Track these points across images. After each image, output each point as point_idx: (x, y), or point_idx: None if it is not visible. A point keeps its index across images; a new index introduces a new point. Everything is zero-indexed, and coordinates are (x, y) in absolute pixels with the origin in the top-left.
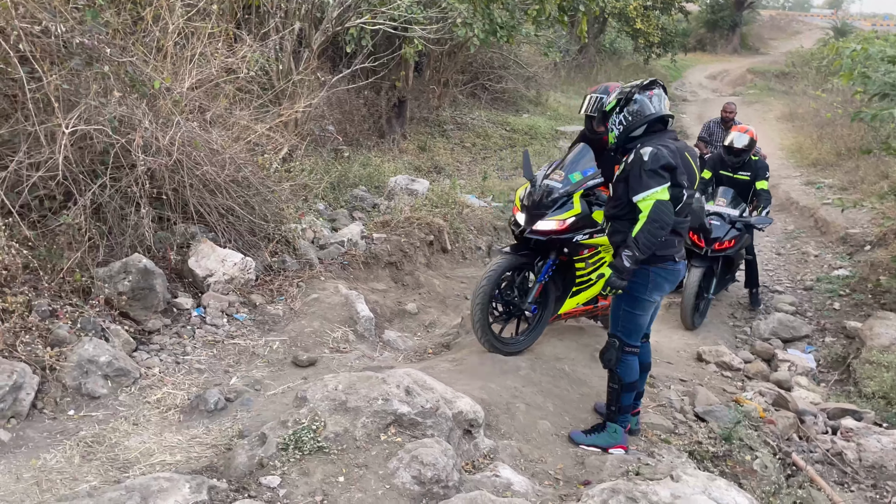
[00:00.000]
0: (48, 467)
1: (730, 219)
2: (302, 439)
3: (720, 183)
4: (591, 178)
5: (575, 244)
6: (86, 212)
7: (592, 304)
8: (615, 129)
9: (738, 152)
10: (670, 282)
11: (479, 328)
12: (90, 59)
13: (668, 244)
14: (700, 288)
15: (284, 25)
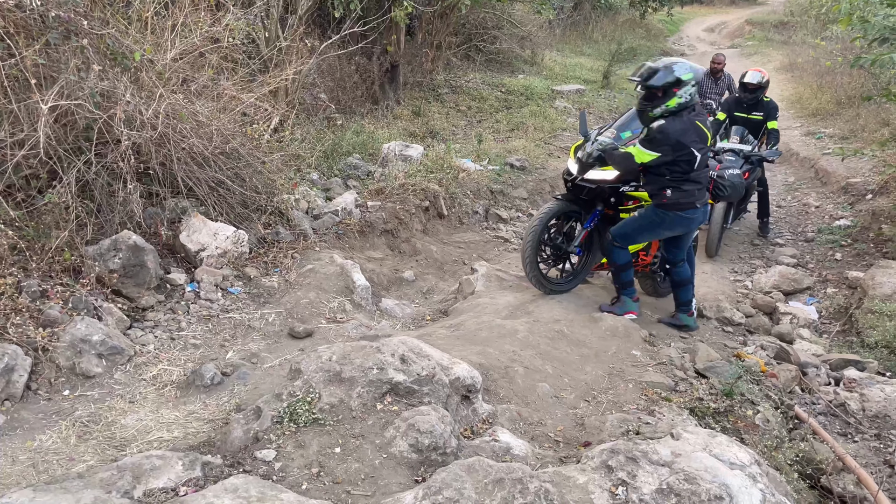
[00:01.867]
0: (44, 448)
1: (742, 154)
2: (297, 412)
3: (734, 123)
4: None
5: (621, 194)
6: (71, 190)
7: (634, 258)
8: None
9: (753, 88)
10: (684, 226)
11: (528, 265)
12: (67, 33)
13: (689, 194)
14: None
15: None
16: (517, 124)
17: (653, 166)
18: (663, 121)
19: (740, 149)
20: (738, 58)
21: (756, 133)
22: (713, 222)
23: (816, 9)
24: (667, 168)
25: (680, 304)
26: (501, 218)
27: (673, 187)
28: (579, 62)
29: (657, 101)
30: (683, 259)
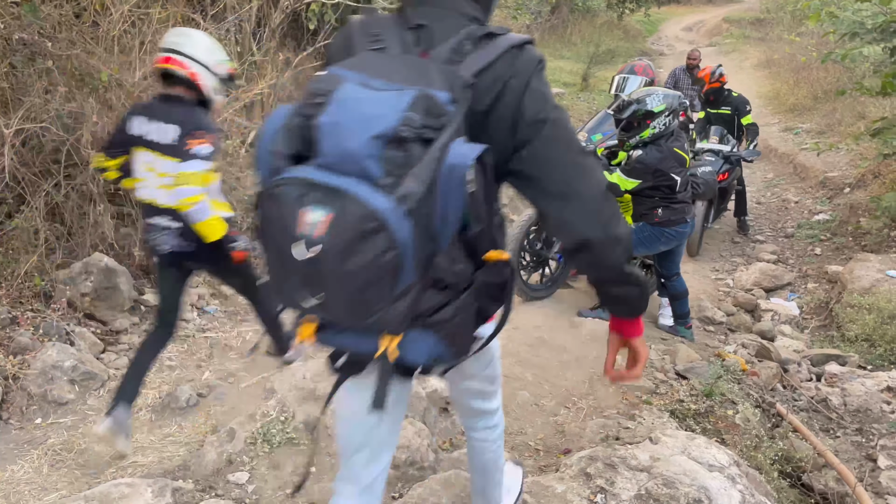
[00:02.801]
0: (16, 479)
1: (722, 154)
2: (270, 432)
3: (709, 121)
4: (610, 138)
5: None
6: (40, 213)
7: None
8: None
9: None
10: (677, 240)
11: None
12: (32, 55)
13: (679, 211)
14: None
15: (240, 5)
16: None
17: (638, 191)
18: (641, 151)
19: (719, 149)
20: (716, 55)
21: (730, 129)
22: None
23: (791, 5)
24: (651, 191)
25: (678, 316)
26: None
27: (663, 206)
28: (558, 66)
29: (633, 131)
30: (678, 273)
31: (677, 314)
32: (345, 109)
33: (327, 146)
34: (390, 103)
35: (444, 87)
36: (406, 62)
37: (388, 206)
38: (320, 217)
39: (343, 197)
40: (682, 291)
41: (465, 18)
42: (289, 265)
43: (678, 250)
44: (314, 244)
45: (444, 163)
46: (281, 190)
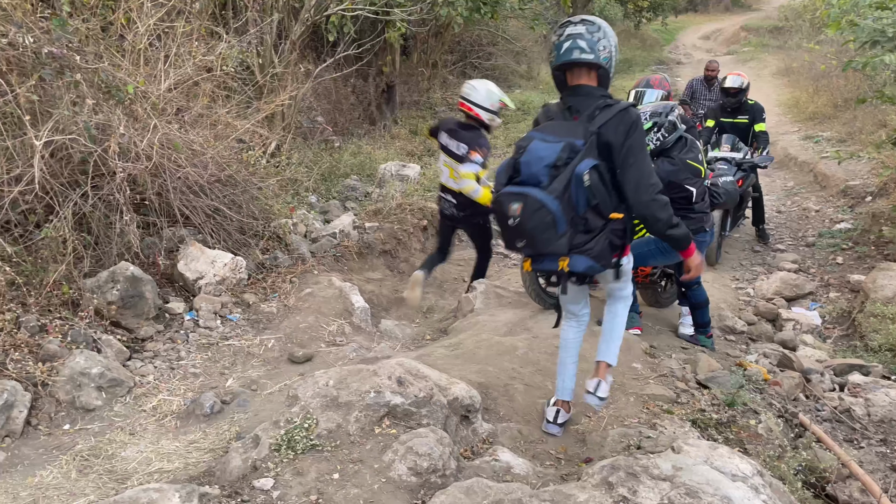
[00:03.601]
0: (45, 484)
1: (735, 162)
2: (294, 438)
3: (722, 130)
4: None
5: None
6: (68, 223)
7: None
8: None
9: (734, 92)
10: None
11: (528, 280)
12: (61, 69)
13: (698, 220)
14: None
15: (262, 18)
16: (514, 139)
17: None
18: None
19: (732, 157)
20: (734, 64)
21: (744, 137)
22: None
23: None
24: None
25: (699, 325)
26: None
27: (681, 216)
28: None
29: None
30: (699, 282)
31: (698, 323)
32: (531, 153)
33: (524, 172)
34: (553, 149)
35: (580, 137)
36: (564, 125)
37: (545, 197)
38: (517, 206)
39: (526, 196)
40: (702, 300)
41: (596, 97)
42: (509, 229)
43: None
44: (516, 218)
45: (573, 172)
46: (501, 196)
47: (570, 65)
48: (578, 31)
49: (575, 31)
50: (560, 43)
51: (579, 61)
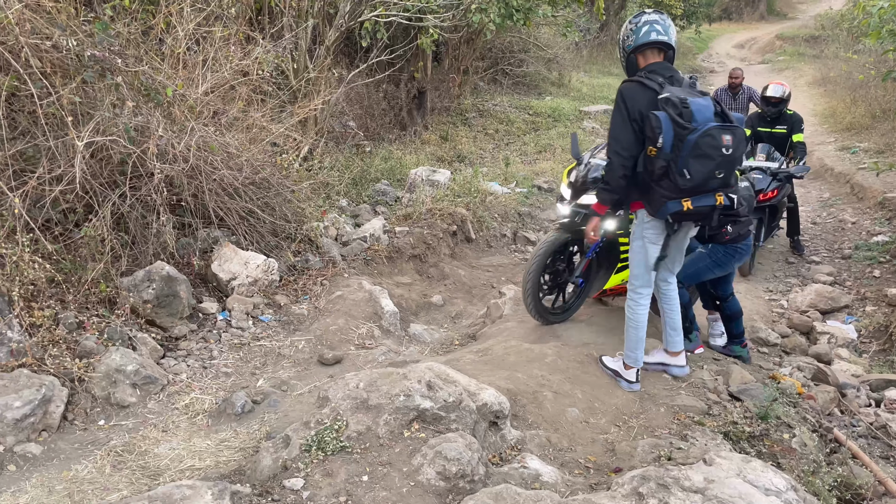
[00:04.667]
0: (80, 478)
1: (770, 171)
2: (324, 439)
3: (759, 139)
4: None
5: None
6: (107, 222)
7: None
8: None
9: (776, 102)
10: (743, 256)
11: (529, 297)
12: (102, 71)
13: (746, 224)
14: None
15: (297, 24)
16: (545, 146)
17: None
18: None
19: (767, 166)
20: (768, 73)
21: (781, 147)
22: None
23: (848, 22)
24: None
25: (733, 336)
26: (530, 240)
27: (730, 223)
28: (607, 82)
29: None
30: (732, 292)
31: (733, 334)
32: (695, 104)
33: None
34: (707, 101)
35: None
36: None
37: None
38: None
39: (735, 129)
40: (736, 311)
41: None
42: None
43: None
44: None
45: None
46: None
47: (649, 45)
48: (654, 19)
49: (651, 19)
50: (638, 28)
51: (657, 42)
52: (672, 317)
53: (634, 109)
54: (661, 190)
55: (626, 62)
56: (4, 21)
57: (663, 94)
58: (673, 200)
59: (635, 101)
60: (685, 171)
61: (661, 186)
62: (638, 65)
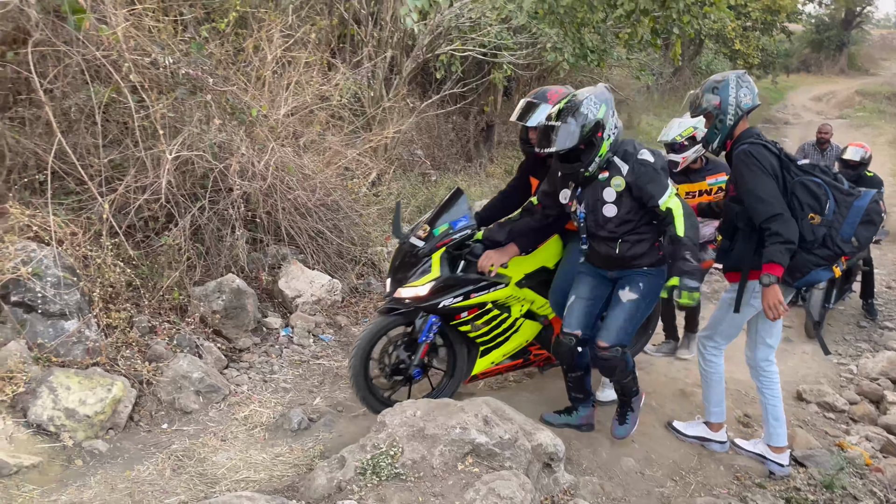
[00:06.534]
0: (141, 479)
1: None
2: (380, 464)
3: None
4: (462, 229)
5: (446, 309)
6: (185, 233)
7: (522, 357)
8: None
9: (854, 165)
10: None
11: (357, 391)
12: (194, 89)
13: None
14: (823, 297)
15: (377, 53)
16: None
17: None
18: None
19: None
20: (846, 129)
21: None
22: (813, 301)
23: None
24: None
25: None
26: None
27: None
28: None
29: (586, 156)
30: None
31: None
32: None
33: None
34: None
35: None
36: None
37: None
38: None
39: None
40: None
41: None
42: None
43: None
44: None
45: None
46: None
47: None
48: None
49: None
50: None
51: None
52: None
53: (771, 170)
54: (813, 257)
55: (733, 121)
56: (111, 37)
57: (799, 161)
58: (825, 268)
59: (770, 163)
60: (854, 237)
61: (814, 254)
62: (738, 126)
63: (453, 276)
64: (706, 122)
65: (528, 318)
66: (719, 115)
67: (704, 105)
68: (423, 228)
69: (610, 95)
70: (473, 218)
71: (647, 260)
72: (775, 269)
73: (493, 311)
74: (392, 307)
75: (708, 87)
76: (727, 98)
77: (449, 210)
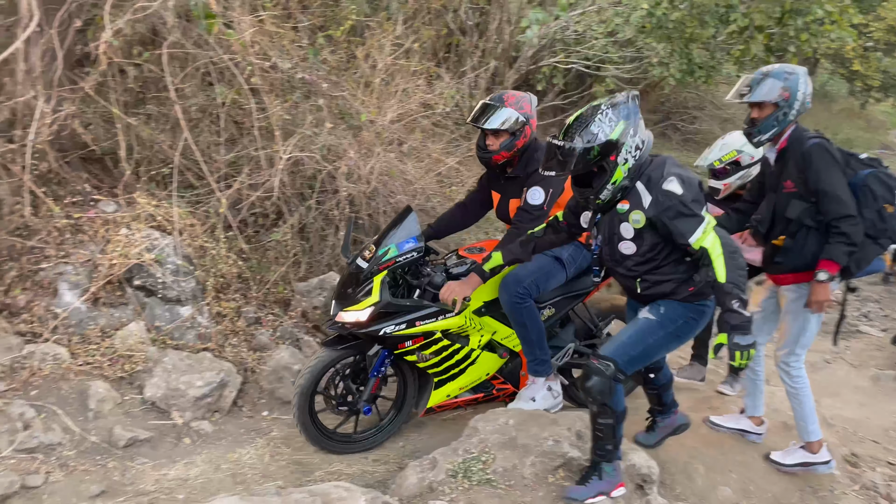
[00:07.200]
0: (242, 462)
1: None
2: (471, 469)
3: None
4: (408, 251)
5: (389, 337)
6: (292, 230)
7: (483, 391)
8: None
9: None
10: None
11: (300, 426)
12: (308, 93)
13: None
14: None
15: (481, 64)
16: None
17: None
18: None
19: None
20: None
21: None
22: None
23: None
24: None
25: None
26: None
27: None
28: None
29: (598, 181)
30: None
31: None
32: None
33: None
34: None
35: None
36: None
37: None
38: None
39: None
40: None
41: None
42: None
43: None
44: None
45: None
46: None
47: None
48: None
49: None
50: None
51: None
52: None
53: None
54: (878, 247)
55: (794, 117)
56: (239, 42)
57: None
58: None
59: (840, 160)
60: None
61: (879, 243)
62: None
63: (393, 301)
64: (763, 112)
65: (488, 350)
66: (784, 108)
67: (770, 93)
68: (370, 248)
69: (634, 108)
70: (422, 239)
71: (675, 297)
72: (833, 267)
73: (443, 341)
74: (339, 337)
75: (778, 74)
76: (796, 91)
77: (396, 230)
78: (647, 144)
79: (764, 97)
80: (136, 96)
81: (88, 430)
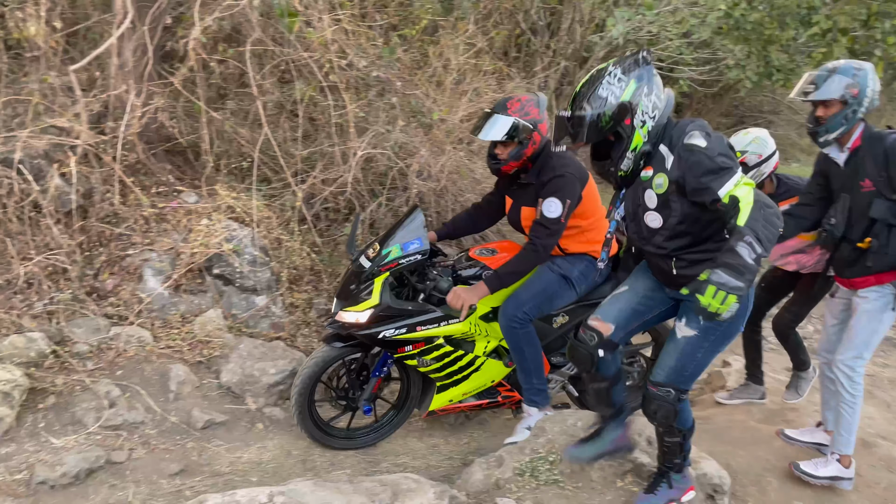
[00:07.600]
0: (312, 449)
1: None
2: (538, 468)
3: None
4: (412, 253)
5: (387, 341)
6: (363, 225)
7: (487, 397)
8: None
9: None
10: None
11: (299, 421)
12: (382, 91)
13: None
14: None
15: (551, 64)
16: None
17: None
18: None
19: None
20: None
21: None
22: None
23: None
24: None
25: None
26: None
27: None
28: None
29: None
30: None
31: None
32: None
33: None
34: None
35: None
36: None
37: None
38: None
39: None
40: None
41: None
42: None
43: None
44: None
45: None
46: None
47: None
48: None
49: None
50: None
51: None
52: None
53: None
54: None
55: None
56: (319, 40)
57: None
58: None
59: None
60: None
61: None
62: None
63: (394, 305)
64: (829, 110)
65: (494, 357)
66: (853, 106)
67: (838, 90)
68: (374, 248)
69: (647, 67)
70: (427, 241)
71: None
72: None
73: (446, 347)
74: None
75: (846, 70)
76: (865, 88)
77: (402, 230)
78: (667, 104)
79: (832, 94)
80: (219, 91)
81: (169, 410)
